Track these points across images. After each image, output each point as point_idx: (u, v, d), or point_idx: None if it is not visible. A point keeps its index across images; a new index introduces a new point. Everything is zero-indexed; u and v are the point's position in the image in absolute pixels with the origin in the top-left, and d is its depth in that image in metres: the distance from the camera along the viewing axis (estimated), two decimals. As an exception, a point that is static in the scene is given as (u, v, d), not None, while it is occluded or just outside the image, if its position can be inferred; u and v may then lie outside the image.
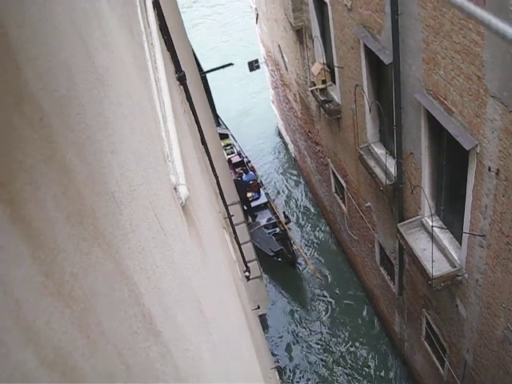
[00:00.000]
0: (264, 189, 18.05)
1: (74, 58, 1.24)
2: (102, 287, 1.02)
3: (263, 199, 17.56)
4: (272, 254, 15.37)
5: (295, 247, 16.03)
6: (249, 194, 17.39)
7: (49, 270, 0.80)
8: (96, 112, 1.32)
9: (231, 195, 10.88)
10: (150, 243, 1.63)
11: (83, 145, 1.12)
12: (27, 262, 0.73)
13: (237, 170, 18.25)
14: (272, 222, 16.71)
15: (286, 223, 16.70)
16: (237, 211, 9.73)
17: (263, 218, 16.92)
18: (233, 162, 18.58)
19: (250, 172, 18.25)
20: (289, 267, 15.80)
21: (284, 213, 17.39)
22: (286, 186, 19.36)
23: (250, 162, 18.92)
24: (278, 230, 16.39)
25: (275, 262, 15.65)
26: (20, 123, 0.81)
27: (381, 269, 12.94)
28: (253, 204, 17.40)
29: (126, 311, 1.17)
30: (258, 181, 18.07)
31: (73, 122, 1.08)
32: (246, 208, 16.57)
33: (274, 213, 17.13)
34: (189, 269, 2.37)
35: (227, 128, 20.18)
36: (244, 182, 17.41)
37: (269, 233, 16.14)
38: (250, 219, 16.81)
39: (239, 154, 19.08)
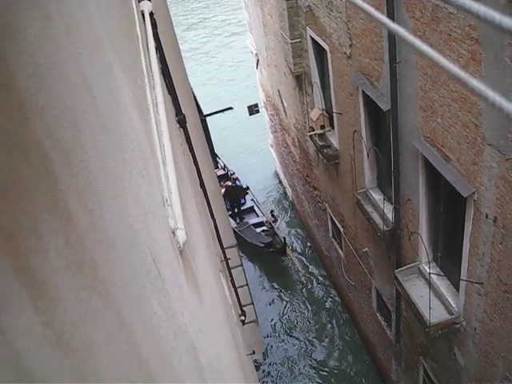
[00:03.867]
0: (249, 195, 19.93)
1: (80, 105, 1.26)
2: (100, 336, 1.01)
3: (249, 204, 19.59)
4: (262, 245, 17.00)
5: (282, 236, 17.40)
6: None
7: (49, 319, 0.79)
8: (99, 158, 1.33)
9: (228, 238, 10.84)
10: (148, 290, 1.62)
11: (85, 192, 1.12)
12: (29, 312, 0.73)
13: (221, 182, 19.44)
14: (260, 221, 18.55)
15: (273, 222, 18.21)
16: (233, 254, 9.69)
17: (250, 219, 18.87)
18: (218, 174, 19.53)
19: (237, 182, 20.24)
20: (279, 256, 17.48)
21: (271, 212, 18.94)
22: (283, 230, 19.36)
23: (234, 173, 20.68)
24: (264, 227, 18.18)
25: (266, 253, 17.25)
26: (27, 173, 0.81)
27: (378, 315, 12.82)
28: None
29: (124, 360, 1.16)
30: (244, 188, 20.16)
31: (76, 170, 1.09)
32: (236, 211, 19.08)
33: (262, 214, 18.91)
34: (185, 314, 2.35)
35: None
36: (239, 186, 19.61)
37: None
38: (238, 220, 18.90)
39: (223, 168, 20.87)
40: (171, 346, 1.85)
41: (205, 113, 18.92)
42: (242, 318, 9.27)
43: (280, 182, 21.50)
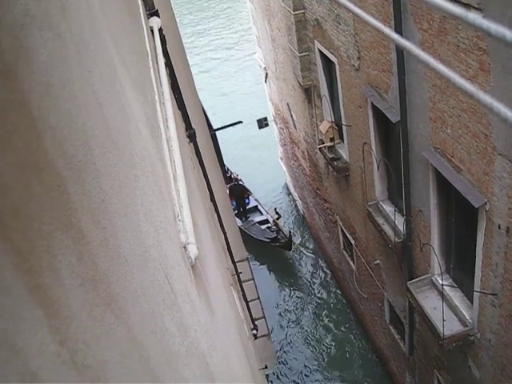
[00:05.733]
0: (253, 196, 20.54)
1: (91, 122, 1.27)
2: (113, 354, 1.01)
3: (253, 203, 20.28)
4: (268, 240, 17.80)
5: (287, 231, 18.04)
6: None
7: (63, 338, 0.79)
8: (110, 176, 1.33)
9: (239, 252, 10.84)
10: (160, 306, 1.62)
11: (98, 209, 1.13)
12: (43, 331, 0.73)
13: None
14: (264, 219, 19.36)
15: (277, 219, 18.94)
16: (245, 268, 9.67)
17: (255, 217, 19.71)
18: None
19: (240, 182, 20.92)
20: (285, 251, 18.21)
21: (275, 209, 19.56)
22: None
23: (238, 175, 21.27)
24: (269, 224, 18.93)
25: (272, 248, 18.01)
26: (39, 191, 0.82)
27: (390, 327, 12.73)
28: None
29: (136, 377, 1.16)
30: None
31: (88, 187, 1.10)
32: (242, 210, 19.76)
33: (266, 212, 19.65)
34: (197, 330, 2.34)
35: None
36: (241, 185, 20.34)
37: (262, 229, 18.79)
38: (244, 219, 19.62)
39: (226, 172, 21.15)
40: (184, 363, 1.84)
41: (214, 127, 19.01)
42: (254, 332, 9.24)
43: (290, 194, 21.49)
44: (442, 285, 8.21)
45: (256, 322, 9.50)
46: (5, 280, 0.68)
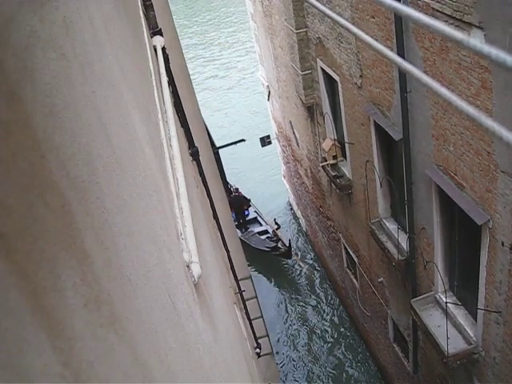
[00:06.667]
0: (252, 207, 20.87)
1: (95, 142, 1.27)
2: (117, 374, 1.01)
3: (252, 215, 20.62)
4: (268, 249, 18.18)
5: (286, 239, 18.51)
6: None
7: (67, 359, 0.79)
8: (114, 195, 1.33)
9: (242, 270, 10.80)
10: (164, 325, 1.62)
11: (101, 229, 1.13)
12: (47, 352, 0.73)
13: None
14: (264, 229, 19.75)
15: (277, 229, 19.38)
16: (248, 286, 9.63)
17: (255, 228, 20.03)
18: None
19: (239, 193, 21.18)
20: (285, 259, 18.81)
21: (274, 220, 20.03)
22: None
23: (237, 188, 21.42)
24: (269, 235, 19.39)
25: (272, 257, 18.44)
26: (43, 212, 0.82)
27: (394, 346, 12.65)
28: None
29: (140, 398, 1.15)
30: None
31: (92, 207, 1.10)
32: (242, 221, 20.08)
33: (266, 223, 20.01)
34: (201, 349, 2.33)
35: None
36: (242, 196, 20.56)
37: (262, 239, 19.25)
38: (244, 230, 19.88)
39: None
40: (188, 382, 1.83)
41: (217, 145, 19.08)
42: (257, 350, 9.18)
43: (293, 212, 21.47)
44: (446, 302, 8.16)
45: (259, 341, 9.45)
46: (9, 301, 0.68)
